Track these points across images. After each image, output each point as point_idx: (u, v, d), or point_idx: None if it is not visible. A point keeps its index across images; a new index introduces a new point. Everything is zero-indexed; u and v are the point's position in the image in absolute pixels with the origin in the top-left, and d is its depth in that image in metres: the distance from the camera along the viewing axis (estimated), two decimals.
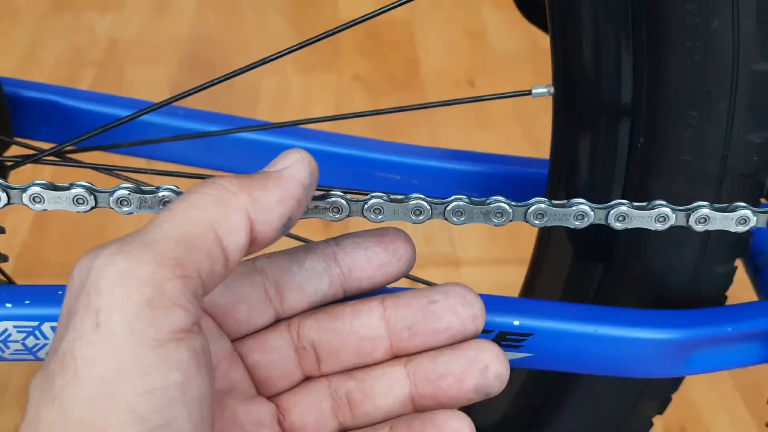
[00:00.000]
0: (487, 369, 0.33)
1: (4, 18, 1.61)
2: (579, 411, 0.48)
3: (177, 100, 0.41)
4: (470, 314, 0.33)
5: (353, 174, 0.48)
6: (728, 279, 0.44)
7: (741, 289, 0.46)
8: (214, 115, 0.48)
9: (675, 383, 0.49)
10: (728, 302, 0.45)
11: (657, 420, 0.89)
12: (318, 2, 1.68)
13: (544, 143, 0.43)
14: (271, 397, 0.34)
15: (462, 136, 1.30)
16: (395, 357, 0.34)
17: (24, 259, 1.07)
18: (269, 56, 0.40)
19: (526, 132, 1.28)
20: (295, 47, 0.39)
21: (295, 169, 0.30)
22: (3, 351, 0.35)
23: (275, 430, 0.34)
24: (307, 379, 0.35)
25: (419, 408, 0.34)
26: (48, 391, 0.26)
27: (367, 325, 0.34)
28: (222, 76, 0.39)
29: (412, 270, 0.34)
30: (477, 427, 0.34)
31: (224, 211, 0.28)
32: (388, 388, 0.34)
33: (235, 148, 0.47)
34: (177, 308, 0.26)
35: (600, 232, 0.42)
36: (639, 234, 0.40)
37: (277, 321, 0.34)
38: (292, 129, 0.48)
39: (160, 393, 0.25)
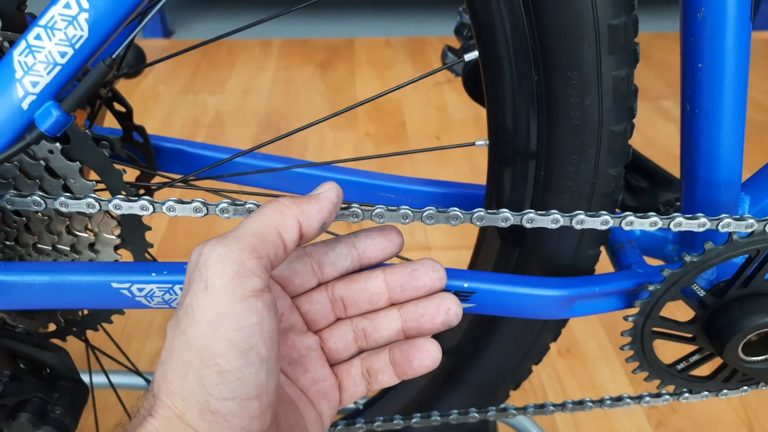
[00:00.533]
0: (449, 310, 0.32)
1: (151, 97, 1.60)
2: (505, 339, 0.46)
3: (257, 148, 0.41)
4: (438, 276, 0.32)
5: (365, 194, 0.47)
6: (596, 259, 0.41)
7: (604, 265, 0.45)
8: (280, 158, 0.47)
9: (563, 322, 0.46)
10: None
11: (551, 345, 0.87)
12: (344, 89, 1.66)
13: (482, 175, 0.42)
14: (316, 332, 0.34)
15: (432, 170, 1.29)
16: (392, 305, 0.33)
17: (162, 246, 1.06)
18: (313, 122, 0.39)
19: (472, 168, 1.27)
20: (330, 116, 0.39)
21: (328, 192, 0.30)
22: (150, 302, 0.34)
23: (319, 353, 0.33)
24: (338, 320, 0.34)
25: (407, 336, 0.33)
26: (177, 329, 0.26)
27: (375, 285, 0.33)
28: (284, 134, 0.39)
29: (401, 252, 0.34)
30: (442, 349, 0.33)
31: (283, 218, 0.28)
32: (388, 324, 0.33)
33: (292, 178, 0.46)
34: (254, 276, 0.26)
35: (517, 230, 0.41)
36: (541, 231, 0.39)
37: (319, 285, 0.33)
38: (327, 166, 0.48)
39: (245, 329, 0.25)
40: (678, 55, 0.36)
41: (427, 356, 0.32)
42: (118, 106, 0.43)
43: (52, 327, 0.43)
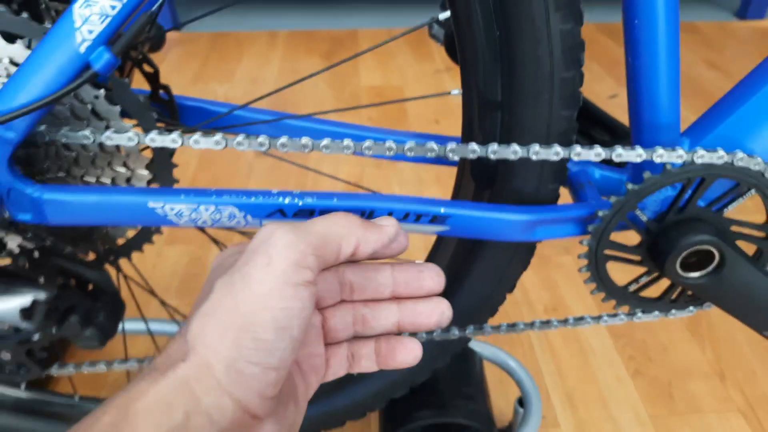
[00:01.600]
0: (443, 313, 0.36)
1: None
2: (480, 269, 0.51)
3: (260, 99, 0.47)
4: (439, 281, 0.36)
5: None
6: (556, 192, 0.46)
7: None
8: (276, 112, 0.53)
9: (530, 253, 0.51)
10: None
11: (538, 303, 0.93)
12: (347, 78, 1.72)
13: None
14: (320, 309, 0.36)
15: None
16: (394, 298, 0.36)
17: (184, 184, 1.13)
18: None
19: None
20: (327, 68, 0.45)
21: (389, 228, 0.33)
22: (179, 220, 0.39)
23: (320, 330, 0.36)
24: (342, 301, 0.36)
25: (400, 330, 0.36)
26: (230, 290, 0.29)
27: (383, 277, 0.36)
28: (282, 87, 0.45)
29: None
30: None
31: (348, 234, 0.31)
32: (386, 316, 0.35)
33: (286, 129, 0.52)
34: (308, 270, 0.29)
35: (488, 173, 0.47)
36: (508, 171, 0.46)
37: (330, 267, 0.34)
38: (317, 118, 0.53)
39: (288, 310, 0.28)
40: (690, 45, 0.42)
41: (411, 354, 0.35)
42: (147, 68, 0.50)
43: (92, 256, 0.50)
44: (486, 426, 0.63)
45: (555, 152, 0.41)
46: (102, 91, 0.40)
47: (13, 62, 0.39)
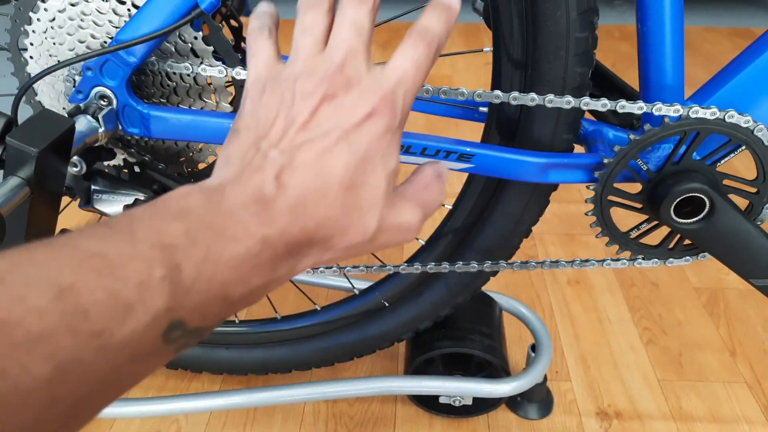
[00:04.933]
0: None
1: None
2: (500, 210, 0.57)
3: None
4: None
5: None
6: (570, 143, 0.52)
7: None
8: None
9: (545, 200, 0.57)
10: None
11: (563, 275, 0.98)
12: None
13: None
14: None
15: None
16: None
17: None
18: None
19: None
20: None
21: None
22: None
23: None
24: None
25: None
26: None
27: None
28: None
29: None
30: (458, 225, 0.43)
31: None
32: None
33: None
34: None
35: (510, 127, 0.54)
36: (527, 122, 0.53)
37: None
38: None
39: None
40: (725, 47, 0.48)
41: None
42: (233, 22, 0.59)
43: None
44: (499, 361, 0.70)
45: (567, 101, 0.48)
46: (200, 33, 0.50)
47: (134, 5, 0.48)
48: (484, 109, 0.60)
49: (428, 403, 0.76)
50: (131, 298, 0.22)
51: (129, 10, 0.48)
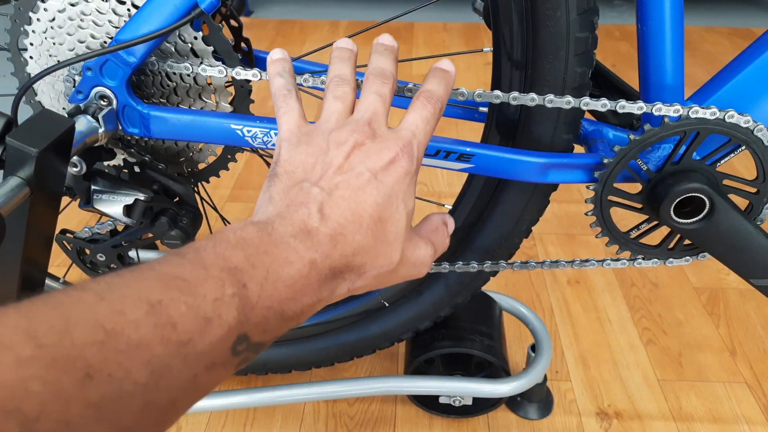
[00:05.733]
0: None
1: None
2: (501, 210, 0.57)
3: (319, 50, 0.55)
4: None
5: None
6: (570, 143, 0.52)
7: None
8: None
9: (545, 200, 0.57)
10: None
11: (563, 274, 0.98)
12: (400, 66, 1.79)
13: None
14: None
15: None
16: None
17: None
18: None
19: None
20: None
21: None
22: (253, 142, 0.48)
23: None
24: None
25: None
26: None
27: None
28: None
29: None
30: (457, 226, 0.43)
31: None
32: None
33: None
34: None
35: (509, 126, 0.53)
36: (527, 122, 0.52)
37: None
38: None
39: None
40: (725, 47, 0.48)
41: None
42: (232, 22, 0.59)
43: None
44: (499, 361, 0.70)
45: (567, 101, 0.48)
46: (199, 33, 0.50)
47: (134, 5, 0.48)
48: (484, 109, 0.59)
49: (428, 403, 0.76)
50: (209, 312, 0.26)
51: (129, 10, 0.48)
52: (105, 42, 0.50)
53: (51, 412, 0.19)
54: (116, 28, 0.49)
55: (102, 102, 0.49)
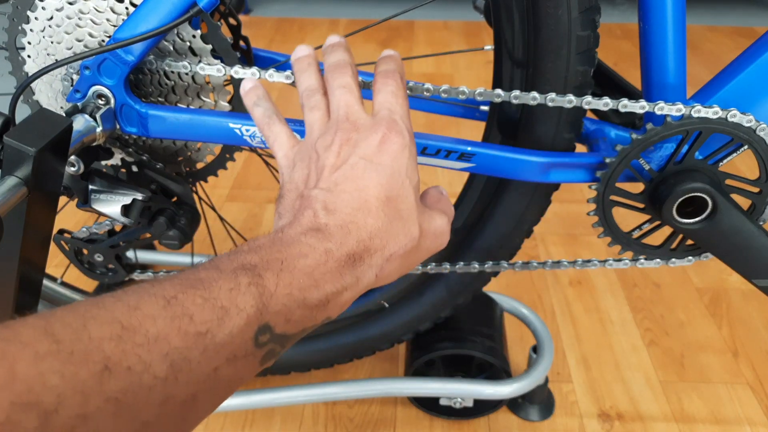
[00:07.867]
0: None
1: None
2: (501, 211, 0.57)
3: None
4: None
5: None
6: (572, 142, 0.52)
7: None
8: None
9: (546, 200, 0.57)
10: None
11: (564, 275, 0.99)
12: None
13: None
14: None
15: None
16: None
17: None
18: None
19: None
20: (372, 25, 0.53)
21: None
22: (252, 141, 0.48)
23: None
24: None
25: None
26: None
27: None
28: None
29: None
30: (458, 227, 0.44)
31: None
32: None
33: None
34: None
35: (511, 126, 0.53)
36: (528, 122, 0.52)
37: None
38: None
39: None
40: (727, 46, 0.48)
41: None
42: (231, 20, 0.59)
43: None
44: (500, 362, 0.70)
45: (569, 100, 0.48)
46: (198, 31, 0.50)
47: (132, 3, 0.48)
48: (485, 108, 0.60)
49: (429, 405, 0.76)
50: (225, 302, 0.26)
51: (127, 8, 0.48)
52: (103, 41, 0.50)
53: (69, 405, 0.20)
54: (114, 26, 0.49)
55: (100, 101, 0.49)
